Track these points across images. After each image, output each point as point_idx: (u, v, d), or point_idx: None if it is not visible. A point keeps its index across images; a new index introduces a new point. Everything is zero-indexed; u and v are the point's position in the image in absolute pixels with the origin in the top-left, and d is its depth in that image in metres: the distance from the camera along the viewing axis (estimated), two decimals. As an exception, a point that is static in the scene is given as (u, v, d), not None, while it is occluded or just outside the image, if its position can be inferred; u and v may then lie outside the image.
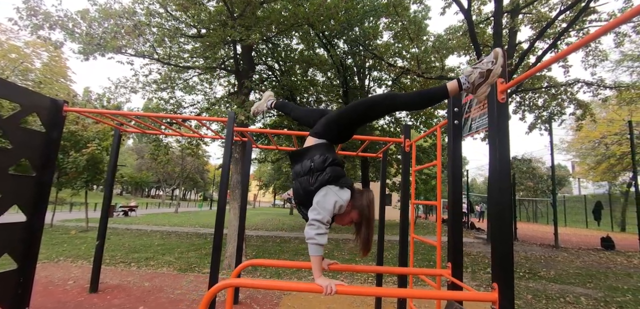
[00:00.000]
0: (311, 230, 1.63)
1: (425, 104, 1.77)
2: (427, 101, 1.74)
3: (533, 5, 10.47)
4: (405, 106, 1.90)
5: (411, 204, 3.35)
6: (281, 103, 2.58)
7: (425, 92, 1.72)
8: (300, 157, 1.87)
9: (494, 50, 1.46)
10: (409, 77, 12.50)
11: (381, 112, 1.89)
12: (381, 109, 1.86)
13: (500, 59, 1.44)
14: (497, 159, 1.79)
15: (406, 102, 1.86)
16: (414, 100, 1.77)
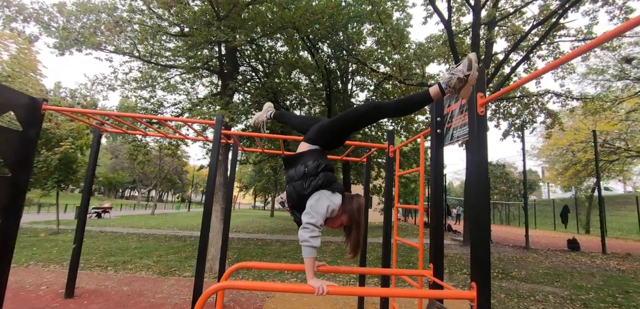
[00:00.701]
0: (305, 233, 1.69)
1: (410, 109, 1.87)
2: (412, 107, 1.84)
3: (508, 19, 11.03)
4: (391, 112, 1.98)
5: (395, 207, 3.47)
6: (279, 113, 2.67)
7: (410, 98, 1.82)
8: (294, 162, 1.93)
9: (467, 57, 1.57)
10: (391, 83, 12.79)
11: (369, 121, 1.99)
12: (369, 117, 1.97)
13: (474, 65, 1.56)
14: (476, 167, 1.92)
15: (392, 109, 1.94)
16: (400, 106, 1.86)
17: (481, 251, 1.84)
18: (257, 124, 2.76)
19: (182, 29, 6.45)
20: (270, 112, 2.67)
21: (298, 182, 1.84)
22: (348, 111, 1.97)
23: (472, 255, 1.89)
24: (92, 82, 7.55)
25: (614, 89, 12.30)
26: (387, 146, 3.67)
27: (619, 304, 4.79)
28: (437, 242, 2.42)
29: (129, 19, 6.00)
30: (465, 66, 1.56)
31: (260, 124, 2.76)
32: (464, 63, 1.58)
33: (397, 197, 3.60)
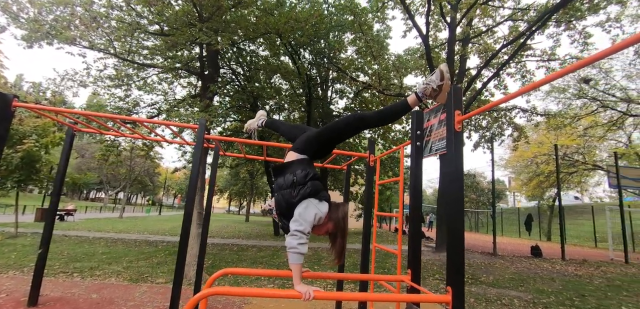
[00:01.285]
0: (293, 240, 1.74)
1: (391, 119, 2.00)
2: (393, 116, 1.97)
3: (481, 37, 11.68)
4: (374, 122, 2.09)
5: (374, 214, 3.59)
6: (271, 121, 2.75)
7: (391, 108, 1.95)
8: (283, 171, 1.99)
9: (439, 68, 1.70)
10: (370, 92, 13.12)
11: (353, 131, 2.09)
12: (353, 128, 2.06)
13: (445, 75, 1.69)
14: (452, 179, 2.05)
15: (375, 119, 2.06)
16: (382, 116, 1.99)
17: (456, 257, 1.97)
18: (249, 131, 2.82)
19: (161, 27, 6.30)
20: (263, 121, 2.75)
21: (287, 190, 1.89)
22: (333, 123, 2.07)
23: (448, 261, 2.02)
24: (61, 78, 7.17)
25: (573, 107, 13.33)
26: (368, 155, 3.79)
27: (576, 307, 5.18)
28: (415, 248, 2.54)
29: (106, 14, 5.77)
30: (437, 77, 1.70)
31: (252, 130, 2.83)
32: (437, 74, 1.71)
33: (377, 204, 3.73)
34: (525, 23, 10.54)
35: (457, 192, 2.04)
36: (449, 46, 10.15)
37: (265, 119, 2.78)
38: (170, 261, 7.69)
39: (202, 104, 6.20)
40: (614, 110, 11.17)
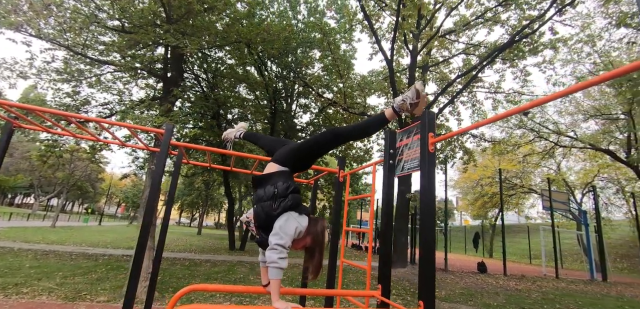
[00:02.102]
0: (274, 254, 1.69)
1: (370, 132, 2.05)
2: (372, 129, 2.03)
3: (438, 67, 12.64)
4: (354, 136, 2.13)
5: (343, 230, 3.62)
6: (250, 134, 2.72)
7: (369, 121, 2.01)
8: (264, 182, 1.94)
9: (414, 86, 1.79)
10: (334, 109, 13.40)
11: (333, 145, 2.13)
12: (333, 142, 2.09)
13: (421, 93, 1.79)
14: (426, 198, 2.16)
15: (354, 132, 2.10)
16: (361, 129, 2.03)
17: (428, 271, 2.05)
18: (226, 140, 2.77)
19: (122, 24, 5.85)
20: (242, 132, 2.71)
21: (267, 202, 1.85)
22: (313, 137, 2.09)
23: (420, 275, 2.09)
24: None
25: (514, 136, 14.85)
26: (338, 171, 3.84)
27: (518, 319, 5.64)
28: (385, 263, 2.60)
29: (60, 2, 5.23)
30: (413, 95, 1.80)
31: (229, 140, 2.78)
32: (412, 91, 1.80)
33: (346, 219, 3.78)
34: (477, 58, 11.62)
35: (430, 210, 2.14)
36: (410, 72, 10.80)
37: (244, 131, 2.75)
38: (113, 277, 7.00)
39: (163, 108, 5.85)
40: (547, 140, 12.68)
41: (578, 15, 9.72)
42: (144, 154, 10.30)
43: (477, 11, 10.73)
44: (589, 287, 9.96)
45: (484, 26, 11.52)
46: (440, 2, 10.60)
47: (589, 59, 11.30)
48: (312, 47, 11.64)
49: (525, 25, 8.99)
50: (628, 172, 15.90)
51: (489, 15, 10.88)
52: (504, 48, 9.42)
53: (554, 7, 8.26)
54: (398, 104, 1.84)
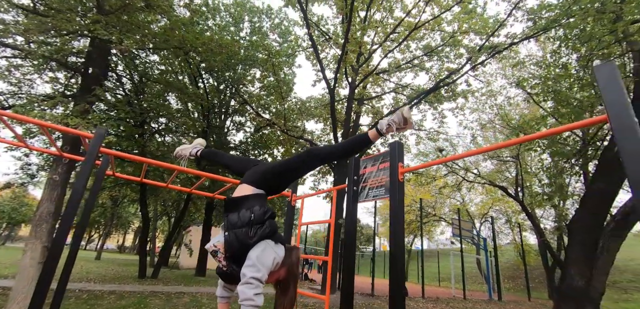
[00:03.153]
0: (249, 290, 1.48)
1: (353, 152, 1.95)
2: (355, 150, 1.92)
3: (371, 101, 13.66)
4: (335, 156, 2.02)
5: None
6: (209, 152, 2.51)
7: (352, 142, 1.94)
8: (237, 206, 1.73)
9: (401, 111, 1.78)
10: (271, 130, 13.22)
11: (309, 167, 2.00)
12: (307, 164, 1.97)
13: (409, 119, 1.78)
14: (396, 224, 2.20)
15: (331, 153, 2.02)
16: (340, 151, 1.95)
17: (398, 292, 2.07)
18: (180, 156, 2.52)
19: (34, 3, 4.79)
20: (199, 149, 2.48)
21: (242, 229, 1.64)
22: (291, 157, 1.97)
23: (390, 297, 2.09)
24: None
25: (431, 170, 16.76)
26: (290, 195, 3.71)
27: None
28: (347, 291, 2.54)
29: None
30: (400, 120, 1.77)
31: (182, 157, 2.49)
32: (399, 116, 1.78)
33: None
34: (405, 97, 12.93)
35: (399, 234, 2.19)
36: (348, 103, 11.40)
37: (202, 149, 2.50)
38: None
39: (79, 107, 4.94)
40: (458, 175, 14.63)
41: (484, 73, 11.68)
42: (40, 159, 8.48)
43: (408, 57, 12.05)
44: (489, 305, 11.46)
45: (411, 70, 12.97)
46: (377, 44, 11.60)
47: (491, 110, 13.62)
48: (254, 65, 11.44)
49: (447, 76, 10.38)
50: (514, 205, 19.26)
51: (416, 62, 12.33)
52: (430, 92, 10.70)
53: (469, 63, 9.76)
54: (384, 126, 1.81)
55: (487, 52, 8.96)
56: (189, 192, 3.84)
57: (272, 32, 12.86)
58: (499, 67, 12.24)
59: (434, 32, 11.33)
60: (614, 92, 1.35)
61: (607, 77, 1.38)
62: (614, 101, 1.34)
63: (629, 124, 1.28)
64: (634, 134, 1.26)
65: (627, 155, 1.26)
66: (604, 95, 1.37)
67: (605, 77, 1.39)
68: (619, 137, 1.29)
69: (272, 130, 13.08)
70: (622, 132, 1.29)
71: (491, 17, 9.81)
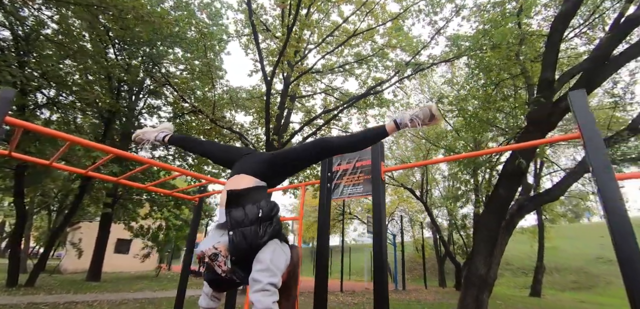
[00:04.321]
0: (266, 297, 1.31)
1: (366, 144, 1.81)
2: (369, 142, 1.78)
3: (303, 99, 13.79)
4: (342, 148, 1.83)
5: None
6: (180, 138, 2.21)
7: (365, 134, 1.80)
8: (240, 199, 1.50)
9: (428, 107, 1.68)
10: (194, 117, 12.09)
11: (318, 158, 1.84)
12: (317, 155, 1.81)
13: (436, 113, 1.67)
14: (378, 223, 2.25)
15: (343, 145, 1.82)
16: (353, 142, 1.78)
17: (381, 289, 2.11)
18: (141, 141, 2.13)
19: None
20: (166, 135, 2.11)
21: (250, 228, 1.43)
22: (299, 146, 1.81)
23: (374, 295, 2.12)
24: None
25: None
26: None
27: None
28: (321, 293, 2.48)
29: None
30: (427, 117, 1.65)
31: (145, 142, 2.06)
32: (425, 112, 1.66)
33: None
34: (335, 98, 13.46)
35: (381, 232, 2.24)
36: (281, 98, 11.24)
37: (171, 134, 2.13)
38: None
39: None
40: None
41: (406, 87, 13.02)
42: None
43: (340, 61, 12.56)
44: (398, 295, 12.79)
45: (342, 75, 13.55)
46: (313, 44, 11.76)
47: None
48: (180, 44, 10.28)
49: (377, 84, 11.18)
50: (416, 205, 21.98)
51: (348, 67, 12.96)
52: (362, 97, 11.36)
53: (397, 76, 10.73)
54: (405, 120, 1.67)
55: (412, 68, 9.99)
56: (116, 182, 3.14)
57: (201, 12, 11.76)
58: (416, 83, 13.80)
59: (366, 42, 12.07)
60: (585, 116, 1.64)
61: (579, 103, 1.67)
62: (585, 122, 1.63)
63: (597, 142, 1.58)
64: (602, 149, 1.55)
65: (596, 165, 1.54)
66: (578, 117, 1.65)
67: (578, 102, 1.67)
68: (590, 151, 1.58)
69: (197, 118, 11.95)
70: (592, 148, 1.57)
71: (415, 37, 11.02)
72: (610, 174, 1.49)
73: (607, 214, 1.46)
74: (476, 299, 5.77)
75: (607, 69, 4.48)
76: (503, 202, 5.61)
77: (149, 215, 14.26)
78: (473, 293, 5.79)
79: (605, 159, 1.53)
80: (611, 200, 1.45)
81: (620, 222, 1.41)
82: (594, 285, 18.59)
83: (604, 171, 1.51)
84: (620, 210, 1.42)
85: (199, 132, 12.01)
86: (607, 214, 1.46)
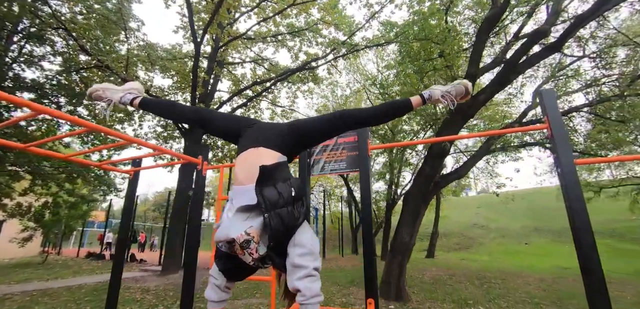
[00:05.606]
0: (314, 283, 1.23)
1: (390, 117, 1.75)
2: (393, 114, 1.72)
3: (231, 66, 12.84)
4: (366, 121, 1.71)
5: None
6: (155, 102, 1.87)
7: (390, 106, 1.70)
8: (271, 178, 1.33)
9: (464, 84, 1.69)
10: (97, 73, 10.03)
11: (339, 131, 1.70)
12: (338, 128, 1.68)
13: (470, 90, 1.69)
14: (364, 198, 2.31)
15: (367, 117, 1.70)
16: (378, 114, 1.70)
17: (370, 270, 2.20)
18: (99, 99, 1.71)
19: None
20: (136, 97, 1.73)
21: (286, 209, 1.30)
22: (321, 117, 1.65)
23: (365, 275, 2.19)
24: None
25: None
26: (201, 162, 3.08)
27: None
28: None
29: None
30: (460, 93, 1.67)
31: (104, 100, 1.70)
32: (460, 89, 1.67)
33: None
34: (265, 69, 12.98)
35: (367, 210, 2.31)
36: (209, 62, 10.25)
37: (141, 98, 1.74)
38: None
39: None
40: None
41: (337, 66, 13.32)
42: None
43: (273, 31, 12.05)
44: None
45: (274, 45, 13.03)
46: (247, 6, 10.94)
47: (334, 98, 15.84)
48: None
49: (313, 59, 11.14)
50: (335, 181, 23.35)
51: (280, 38, 12.52)
52: (295, 71, 11.19)
53: (332, 54, 10.86)
54: (436, 95, 1.65)
55: (348, 48, 10.26)
56: None
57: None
58: (347, 63, 14.26)
59: (301, 15, 11.79)
60: (554, 110, 1.96)
61: (549, 99, 1.98)
62: (554, 117, 1.95)
63: (563, 133, 1.91)
64: (566, 140, 1.89)
65: (561, 152, 1.87)
66: (547, 111, 1.96)
67: (548, 99, 1.99)
68: (557, 141, 1.90)
69: (97, 75, 9.94)
70: (558, 138, 1.90)
71: (350, 16, 11.26)
72: (570, 157, 1.83)
73: (565, 187, 1.81)
74: (400, 264, 6.54)
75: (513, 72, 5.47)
76: (427, 178, 6.40)
77: (31, 190, 11.47)
78: (398, 259, 6.54)
79: (568, 146, 1.87)
80: (569, 174, 1.81)
81: (572, 189, 1.77)
82: (470, 246, 23.13)
83: (565, 154, 1.85)
84: (575, 184, 1.78)
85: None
86: (565, 186, 1.81)
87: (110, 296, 2.86)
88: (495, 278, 10.33)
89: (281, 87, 13.93)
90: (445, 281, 9.25)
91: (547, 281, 10.11)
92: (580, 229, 1.72)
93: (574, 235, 1.76)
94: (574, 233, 1.76)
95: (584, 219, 1.72)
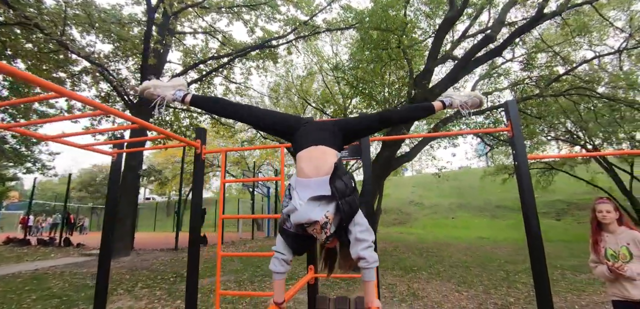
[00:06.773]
0: (374, 253, 1.58)
1: (414, 119, 2.15)
2: (416, 116, 2.08)
3: (182, 36, 12.01)
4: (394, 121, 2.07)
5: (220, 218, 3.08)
6: (206, 98, 2.02)
7: (415, 109, 1.97)
8: (337, 173, 1.62)
9: (479, 98, 1.95)
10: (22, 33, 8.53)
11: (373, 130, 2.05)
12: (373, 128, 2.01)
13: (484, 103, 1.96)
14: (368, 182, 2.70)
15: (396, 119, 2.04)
16: (404, 116, 2.01)
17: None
18: (152, 97, 1.78)
19: None
20: (186, 93, 1.83)
21: (351, 197, 1.61)
22: (362, 117, 1.94)
23: None
24: None
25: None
26: (200, 145, 3.12)
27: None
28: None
29: None
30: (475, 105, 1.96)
31: (158, 99, 1.77)
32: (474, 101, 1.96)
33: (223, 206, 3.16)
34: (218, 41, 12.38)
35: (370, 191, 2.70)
36: (160, 30, 9.50)
37: (191, 94, 1.85)
38: None
39: None
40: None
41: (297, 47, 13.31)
42: None
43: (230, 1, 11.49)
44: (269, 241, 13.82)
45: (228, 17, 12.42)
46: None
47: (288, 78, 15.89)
48: None
49: (277, 37, 10.99)
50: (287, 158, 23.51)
51: (235, 9, 11.99)
52: (255, 48, 10.95)
53: (294, 33, 10.86)
54: (455, 103, 1.94)
55: (310, 29, 10.37)
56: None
57: None
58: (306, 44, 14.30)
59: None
60: (515, 117, 2.55)
61: (512, 109, 2.57)
62: (515, 122, 2.53)
63: (520, 134, 2.51)
64: (522, 140, 2.50)
65: (518, 149, 2.47)
66: (511, 117, 2.54)
67: (512, 108, 2.57)
68: (516, 141, 2.50)
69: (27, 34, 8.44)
70: (517, 138, 2.50)
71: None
72: (525, 153, 2.45)
73: (520, 176, 2.42)
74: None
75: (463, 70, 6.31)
76: (386, 161, 7.09)
77: None
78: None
79: (523, 145, 2.48)
80: (523, 163, 2.43)
81: (524, 178, 2.39)
82: (407, 221, 25.63)
83: (521, 150, 2.46)
84: (526, 173, 2.40)
85: (32, 57, 8.60)
86: (520, 176, 2.42)
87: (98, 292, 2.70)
88: (431, 247, 11.84)
89: (235, 63, 13.46)
90: (390, 252, 10.37)
91: (471, 249, 11.97)
92: (529, 204, 2.35)
93: (523, 209, 2.39)
94: (523, 207, 2.39)
95: (530, 199, 2.35)
